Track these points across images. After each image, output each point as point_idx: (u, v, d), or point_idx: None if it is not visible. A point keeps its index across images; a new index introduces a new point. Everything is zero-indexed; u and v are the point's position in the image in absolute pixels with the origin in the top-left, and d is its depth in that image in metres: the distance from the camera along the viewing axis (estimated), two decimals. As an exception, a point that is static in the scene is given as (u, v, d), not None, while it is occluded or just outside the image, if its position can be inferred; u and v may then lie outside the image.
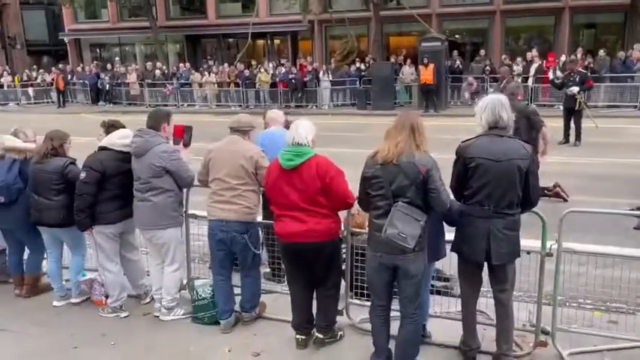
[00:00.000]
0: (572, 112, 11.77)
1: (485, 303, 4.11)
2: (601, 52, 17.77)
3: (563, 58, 18.03)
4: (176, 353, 4.12)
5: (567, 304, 4.73)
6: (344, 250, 4.31)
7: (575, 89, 11.57)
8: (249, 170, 4.12)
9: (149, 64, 24.01)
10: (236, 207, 4.13)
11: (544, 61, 18.11)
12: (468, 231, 3.57)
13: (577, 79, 11.76)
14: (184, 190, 4.61)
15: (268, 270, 5.21)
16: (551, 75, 13.34)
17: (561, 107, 16.83)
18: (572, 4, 22.27)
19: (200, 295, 4.49)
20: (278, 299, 4.79)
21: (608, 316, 4.47)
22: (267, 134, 5.19)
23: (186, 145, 4.70)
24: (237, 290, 4.51)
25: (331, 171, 3.71)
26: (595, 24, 23.71)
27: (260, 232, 4.54)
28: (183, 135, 4.70)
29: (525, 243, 3.78)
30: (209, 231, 4.29)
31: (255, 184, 4.20)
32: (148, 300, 4.91)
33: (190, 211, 4.83)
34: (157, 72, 22.95)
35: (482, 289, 3.85)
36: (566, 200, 7.63)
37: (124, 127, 4.72)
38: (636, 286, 4.40)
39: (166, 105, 21.41)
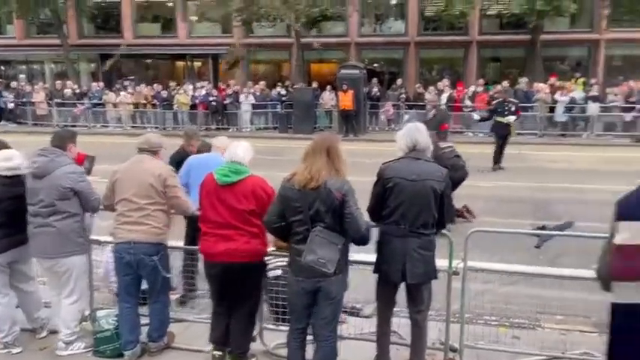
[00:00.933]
0: (506, 139, 12.27)
1: (398, 323, 4.16)
2: (504, 84, 19.08)
3: (472, 88, 19.16)
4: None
5: (474, 321, 4.90)
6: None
7: (512, 118, 12.20)
8: (158, 189, 3.97)
9: (59, 83, 22.77)
10: (145, 227, 3.95)
11: (454, 91, 19.13)
12: (385, 250, 3.64)
13: (512, 108, 12.35)
14: (87, 214, 4.33)
15: (177, 296, 5.00)
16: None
17: (470, 134, 18.00)
18: (479, 38, 23.90)
19: (102, 327, 4.20)
20: (189, 327, 4.60)
21: (512, 332, 4.67)
22: (199, 156, 5.28)
23: (87, 173, 4.48)
24: (144, 320, 4.26)
25: (268, 190, 3.72)
26: (499, 57, 25.55)
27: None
28: (84, 163, 4.53)
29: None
30: (115, 254, 4.06)
31: (165, 203, 4.04)
32: (44, 334, 4.52)
33: (93, 237, 4.54)
34: (68, 91, 21.77)
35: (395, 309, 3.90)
36: (470, 221, 7.99)
37: (7, 147, 4.34)
38: (537, 302, 4.65)
39: (75, 126, 20.32)
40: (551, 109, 17.90)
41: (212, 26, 24.84)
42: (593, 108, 17.40)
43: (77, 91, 22.10)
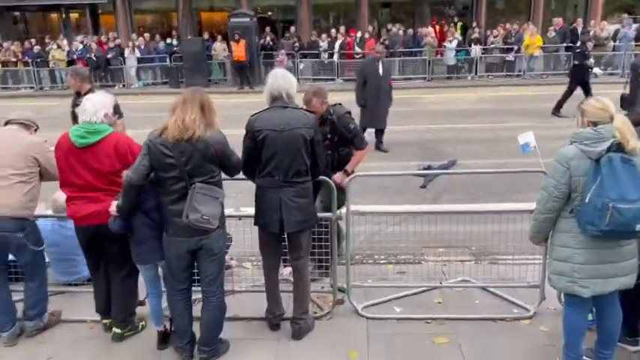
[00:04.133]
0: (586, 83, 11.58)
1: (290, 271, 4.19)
2: (394, 29, 19.44)
3: (359, 34, 19.26)
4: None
5: (364, 261, 5.11)
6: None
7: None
8: (26, 158, 3.63)
9: None
10: (9, 201, 3.56)
11: (346, 38, 19.17)
12: (262, 202, 3.62)
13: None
14: None
15: None
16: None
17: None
18: (369, -17, 23.89)
19: (-31, 308, 3.83)
20: (71, 298, 4.36)
21: (399, 268, 4.92)
22: None
23: None
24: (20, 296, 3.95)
25: (134, 149, 3.47)
26: (390, 3, 25.85)
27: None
28: None
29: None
30: None
31: (34, 177, 3.68)
32: None
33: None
34: None
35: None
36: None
37: None
38: (421, 238, 4.89)
39: None
40: (437, 53, 18.60)
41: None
42: (475, 50, 18.32)
43: None
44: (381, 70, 8.65)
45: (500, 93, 15.79)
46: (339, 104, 4.47)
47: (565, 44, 18.10)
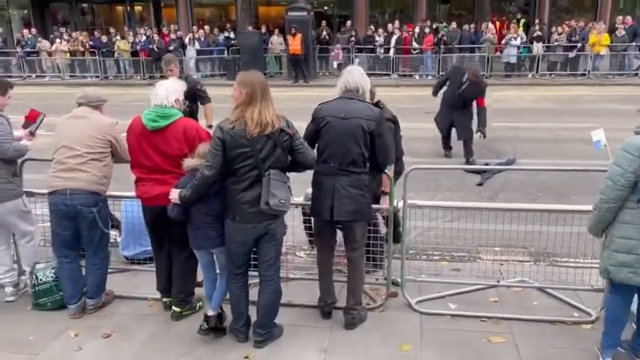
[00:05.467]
0: None
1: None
2: (453, 25, 19.05)
3: (417, 29, 18.96)
4: (12, 344, 3.69)
5: (418, 256, 5.06)
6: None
7: None
8: (98, 138, 3.80)
9: (-12, 31, 21.21)
10: (83, 175, 3.73)
11: (402, 33, 18.91)
12: (316, 189, 3.65)
13: None
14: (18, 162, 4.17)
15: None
16: None
17: (417, 77, 17.97)
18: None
19: (41, 280, 4.08)
20: (134, 277, 4.54)
21: (454, 265, 4.85)
22: None
23: (32, 133, 4.29)
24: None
25: (202, 134, 3.61)
26: (449, -1, 25.37)
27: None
28: (36, 121, 4.32)
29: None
30: (50, 207, 3.84)
31: (107, 156, 3.86)
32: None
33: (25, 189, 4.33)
34: (-6, 39, 20.35)
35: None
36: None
37: None
38: (478, 235, 4.79)
39: (10, 76, 19.15)
40: (496, 50, 18.08)
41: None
42: (537, 48, 17.69)
43: (6, 38, 20.70)
44: (462, 89, 7.85)
45: (562, 92, 15.20)
46: (379, 102, 4.23)
47: (635, 43, 17.18)
